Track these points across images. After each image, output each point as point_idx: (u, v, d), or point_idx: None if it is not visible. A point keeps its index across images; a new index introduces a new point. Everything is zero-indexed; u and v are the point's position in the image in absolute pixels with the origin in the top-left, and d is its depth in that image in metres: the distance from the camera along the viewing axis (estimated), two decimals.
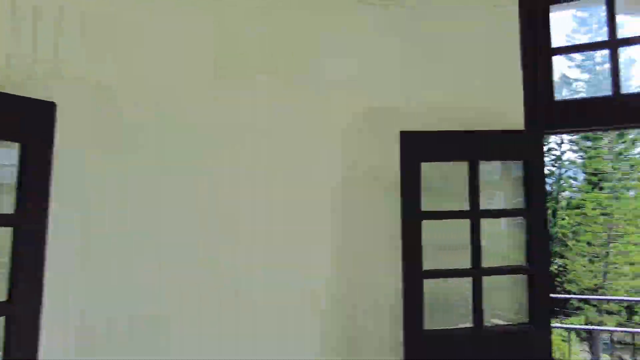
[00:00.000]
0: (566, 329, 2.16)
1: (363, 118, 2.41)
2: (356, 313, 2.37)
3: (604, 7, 2.15)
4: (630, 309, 16.35)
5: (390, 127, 2.34)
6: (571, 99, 2.88)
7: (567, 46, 2.28)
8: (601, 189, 16.94)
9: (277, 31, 2.36)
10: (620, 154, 17.17)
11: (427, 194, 2.18)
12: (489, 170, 2.34)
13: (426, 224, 2.05)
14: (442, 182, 2.35)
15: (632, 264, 15.54)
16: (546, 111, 2.19)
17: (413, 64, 2.40)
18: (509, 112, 2.22)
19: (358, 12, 2.44)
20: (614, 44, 2.13)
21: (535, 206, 2.06)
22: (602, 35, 2.26)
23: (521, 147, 2.10)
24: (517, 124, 2.20)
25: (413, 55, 2.41)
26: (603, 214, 16.22)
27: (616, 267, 15.69)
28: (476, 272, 2.00)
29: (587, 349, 14.47)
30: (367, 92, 2.44)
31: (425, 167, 2.08)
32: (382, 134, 2.38)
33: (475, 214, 2.02)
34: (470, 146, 2.06)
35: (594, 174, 17.39)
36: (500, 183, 2.39)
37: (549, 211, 20.09)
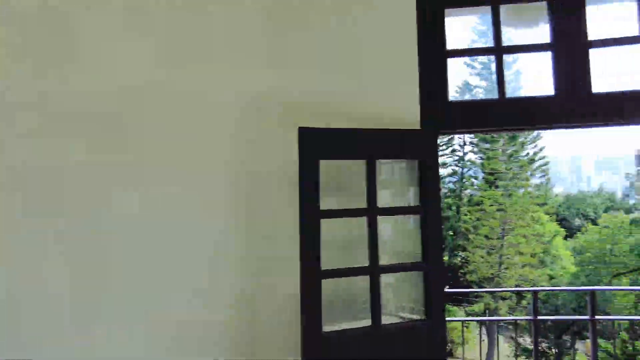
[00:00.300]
0: (461, 320, 2.38)
1: (259, 111, 2.32)
2: (256, 315, 2.28)
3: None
4: (519, 295, 18.42)
5: (289, 123, 2.28)
6: (463, 100, 3.12)
7: (461, 49, 2.37)
8: (497, 187, 18.83)
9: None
10: (511, 155, 19.23)
11: (333, 193, 2.16)
12: (400, 168, 2.38)
13: (336, 222, 2.02)
14: (348, 180, 2.34)
15: (521, 254, 17.52)
16: (441, 112, 2.26)
17: (310, 60, 2.35)
18: (405, 113, 2.26)
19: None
20: (498, 50, 2.27)
21: (430, 204, 2.11)
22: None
23: (417, 147, 2.15)
24: (414, 123, 2.25)
25: (310, 51, 2.36)
26: (499, 210, 18.06)
27: (508, 258, 17.57)
28: (373, 270, 2.00)
29: (485, 332, 16.04)
30: (263, 86, 2.35)
31: (330, 165, 2.04)
32: (281, 130, 2.31)
33: (372, 212, 2.02)
34: (367, 144, 2.05)
35: (491, 174, 19.27)
36: (405, 181, 2.44)
37: (454, 207, 21.87)
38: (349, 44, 2.33)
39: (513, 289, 18.26)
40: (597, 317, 2.38)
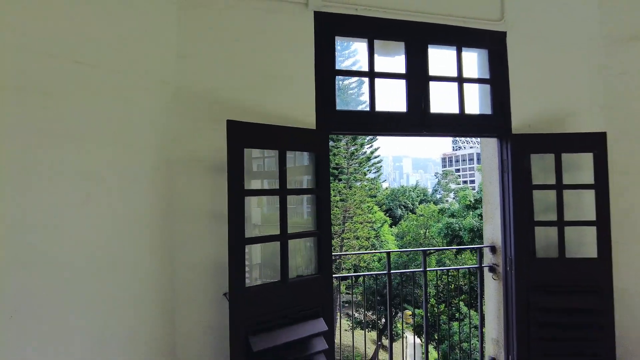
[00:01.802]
0: (337, 277, 3.12)
1: (182, 103, 2.64)
2: (179, 274, 2.61)
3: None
4: (356, 272, 21.11)
5: (211, 117, 2.67)
6: (347, 110, 3.81)
7: (345, 70, 3.09)
8: (340, 180, 21.15)
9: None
10: (352, 153, 21.84)
11: (262, 177, 2.67)
12: (301, 159, 2.97)
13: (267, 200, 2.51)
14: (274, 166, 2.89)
15: (357, 238, 20.15)
16: (331, 117, 2.94)
17: (236, 68, 2.78)
18: (305, 116, 2.87)
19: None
20: (372, 74, 3.06)
21: (322, 186, 2.77)
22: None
23: (314, 143, 2.77)
24: (311, 125, 2.87)
25: (234, 60, 2.79)
26: (341, 200, 20.34)
27: (348, 241, 20.01)
28: (282, 237, 2.55)
29: None
30: (190, 80, 2.68)
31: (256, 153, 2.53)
32: (205, 122, 2.67)
33: (282, 192, 2.56)
34: (280, 138, 2.59)
35: (335, 168, 21.53)
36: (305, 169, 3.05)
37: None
38: (265, 60, 2.83)
39: (375, 251, 20.50)
40: (427, 269, 3.46)
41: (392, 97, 3.49)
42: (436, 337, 15.29)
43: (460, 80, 3.26)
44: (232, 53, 2.77)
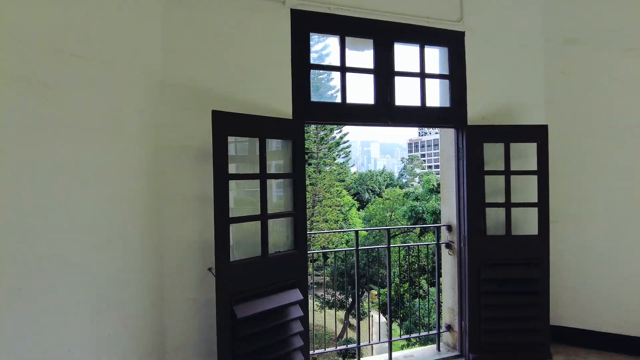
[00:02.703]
0: (312, 253, 3.45)
1: (168, 93, 2.84)
2: (168, 251, 2.84)
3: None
4: (324, 256, 21.65)
5: (198, 105, 2.88)
6: (320, 101, 4.02)
7: (319, 64, 3.34)
8: (310, 164, 21.44)
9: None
10: (322, 138, 22.13)
11: (243, 162, 2.91)
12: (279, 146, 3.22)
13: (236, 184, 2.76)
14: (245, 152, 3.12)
15: (326, 221, 20.63)
16: (306, 108, 3.20)
17: (219, 62, 2.99)
18: (282, 106, 3.12)
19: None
20: (343, 69, 3.34)
21: (298, 171, 3.04)
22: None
23: (290, 131, 3.03)
24: (288, 114, 3.13)
25: (217, 54, 2.99)
26: (311, 184, 20.68)
27: (317, 224, 20.46)
28: (263, 217, 2.82)
29: None
30: (175, 72, 2.87)
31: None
32: (191, 110, 2.88)
33: (263, 176, 2.82)
34: (260, 127, 2.83)
35: (305, 153, 21.77)
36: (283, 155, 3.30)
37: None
38: (245, 54, 3.04)
39: (343, 230, 21.02)
40: (391, 245, 3.84)
41: (361, 90, 3.78)
42: (400, 315, 16.11)
43: (422, 75, 3.59)
44: (215, 47, 2.97)
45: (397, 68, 3.47)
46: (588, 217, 3.84)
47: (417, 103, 3.58)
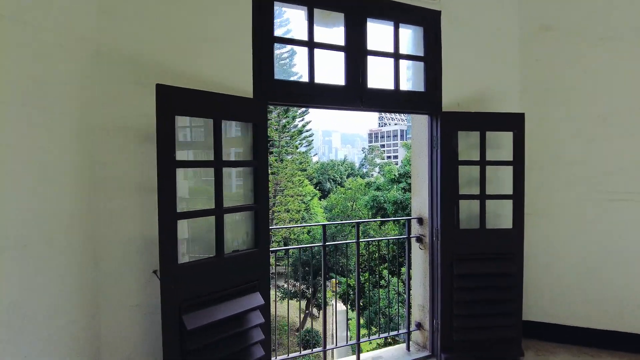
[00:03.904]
0: (274, 250, 3.08)
1: (106, 65, 2.37)
2: (104, 251, 2.40)
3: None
4: (285, 244, 21.41)
5: (142, 79, 2.43)
6: (286, 80, 3.68)
7: (285, 38, 2.96)
8: (271, 153, 20.92)
9: None
10: (284, 126, 21.62)
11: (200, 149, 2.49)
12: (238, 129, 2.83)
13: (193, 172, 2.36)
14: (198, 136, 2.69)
15: (288, 211, 20.26)
16: (269, 87, 2.82)
17: (161, 25, 2.53)
18: (241, 84, 2.72)
19: None
20: (311, 44, 2.97)
21: (260, 158, 2.67)
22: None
23: (252, 112, 2.65)
24: (248, 94, 2.74)
25: (162, 18, 2.53)
26: (272, 173, 20.19)
27: (279, 214, 20.06)
28: (218, 211, 2.44)
29: None
30: (114, 39, 2.40)
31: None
32: (133, 85, 2.42)
33: (218, 164, 2.43)
34: (215, 106, 2.43)
35: (267, 141, 21.21)
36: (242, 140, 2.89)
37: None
38: (199, 21, 2.61)
39: (311, 224, 20.49)
40: (360, 240, 3.56)
41: (330, 71, 3.44)
42: (361, 304, 16.14)
43: (397, 56, 3.29)
44: (162, 12, 2.52)
45: (369, 47, 3.15)
46: (559, 210, 3.75)
47: (390, 86, 3.28)
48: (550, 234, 3.77)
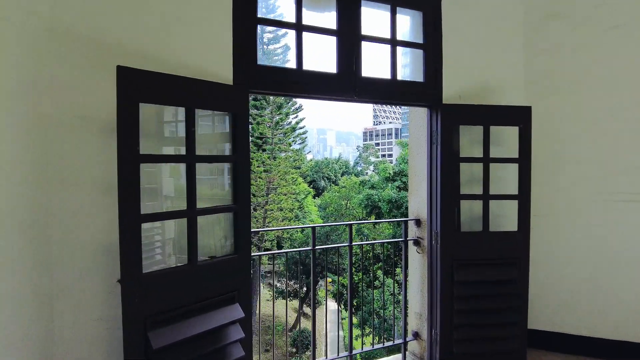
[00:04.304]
0: (257, 255, 2.80)
1: (60, 44, 2.05)
2: (60, 258, 2.09)
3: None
4: (278, 245, 21.13)
5: (104, 62, 2.13)
6: (270, 65, 3.43)
7: (270, 19, 2.65)
8: (264, 150, 20.57)
9: None
10: (277, 123, 21.27)
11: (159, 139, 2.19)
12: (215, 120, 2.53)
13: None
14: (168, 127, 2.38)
15: (281, 209, 19.94)
16: (251, 73, 2.53)
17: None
18: (220, 70, 2.43)
19: None
20: (299, 27, 2.68)
21: (240, 152, 2.38)
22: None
23: (231, 100, 2.35)
24: (227, 81, 2.44)
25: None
26: (265, 171, 19.85)
27: (272, 212, 19.73)
28: (190, 213, 2.14)
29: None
30: (71, 15, 2.09)
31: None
32: (94, 69, 2.12)
33: (191, 159, 2.14)
34: (188, 93, 2.13)
35: (260, 138, 20.86)
36: (219, 133, 2.59)
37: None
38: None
39: (299, 226, 19.93)
40: (353, 243, 3.27)
41: (321, 61, 3.15)
42: (355, 303, 15.91)
43: (393, 42, 3.01)
44: None
45: (364, 32, 2.86)
46: (565, 211, 3.49)
47: (387, 76, 3.00)
48: (554, 236, 3.51)
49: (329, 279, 17.32)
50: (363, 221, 17.82)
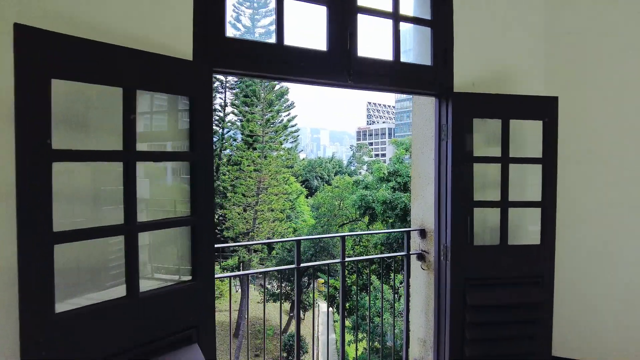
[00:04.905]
0: (226, 277, 2.36)
1: None
2: None
3: None
4: (269, 246, 20.59)
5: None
6: (241, 38, 2.97)
7: None
8: (254, 149, 19.96)
9: None
10: (268, 120, 20.67)
11: (75, 129, 1.62)
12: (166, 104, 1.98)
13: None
14: (98, 114, 1.79)
15: (272, 210, 19.36)
16: (217, 47, 1.99)
17: None
18: (176, 42, 1.88)
19: None
20: None
21: (201, 149, 1.84)
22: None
23: (188, 80, 1.82)
24: (186, 56, 1.90)
25: None
26: (255, 170, 19.26)
27: (262, 213, 19.13)
28: (130, 228, 1.60)
29: (238, 283, 17.32)
30: None
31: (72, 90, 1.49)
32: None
33: (129, 156, 1.60)
34: (126, 68, 1.59)
35: (250, 136, 20.25)
36: (172, 122, 2.05)
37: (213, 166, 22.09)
38: None
39: (282, 239, 19.25)
40: (346, 259, 2.75)
41: (310, 39, 2.63)
42: (347, 306, 15.40)
43: (396, 17, 2.48)
44: None
45: (360, 4, 2.34)
46: (593, 219, 2.99)
47: (388, 57, 2.48)
48: (581, 249, 3.01)
49: (321, 280, 16.79)
50: (357, 233, 17.13)
